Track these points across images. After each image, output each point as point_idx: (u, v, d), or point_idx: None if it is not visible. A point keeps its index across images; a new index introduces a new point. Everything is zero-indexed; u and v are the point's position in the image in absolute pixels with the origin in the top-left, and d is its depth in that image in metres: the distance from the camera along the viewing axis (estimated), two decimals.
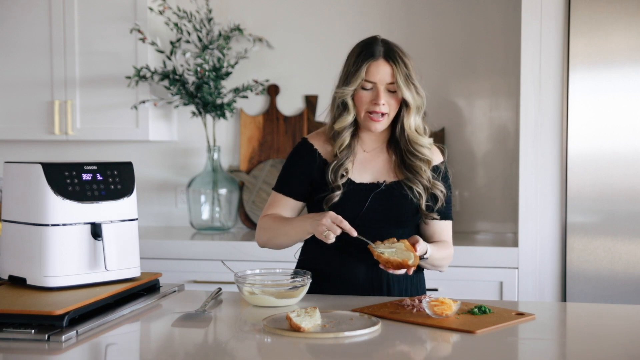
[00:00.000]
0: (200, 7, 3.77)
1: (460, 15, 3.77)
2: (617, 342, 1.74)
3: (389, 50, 2.14)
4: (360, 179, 2.19)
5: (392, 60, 2.12)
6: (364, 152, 2.23)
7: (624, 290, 3.11)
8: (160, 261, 3.43)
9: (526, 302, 2.70)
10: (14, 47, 3.81)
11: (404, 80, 2.11)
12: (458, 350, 1.70)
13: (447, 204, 2.25)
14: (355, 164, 2.21)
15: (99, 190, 2.07)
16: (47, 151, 4.07)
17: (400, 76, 2.11)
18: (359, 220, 2.14)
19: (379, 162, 2.22)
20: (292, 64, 3.89)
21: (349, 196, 2.16)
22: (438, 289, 3.21)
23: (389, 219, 2.17)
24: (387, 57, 2.12)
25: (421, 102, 2.17)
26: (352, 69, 2.14)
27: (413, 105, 2.15)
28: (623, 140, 3.12)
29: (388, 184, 2.19)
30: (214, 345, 1.78)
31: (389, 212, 2.17)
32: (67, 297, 1.88)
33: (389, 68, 2.11)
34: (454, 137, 3.78)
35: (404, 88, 2.11)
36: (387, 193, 2.18)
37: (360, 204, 2.16)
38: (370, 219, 2.15)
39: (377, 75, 2.11)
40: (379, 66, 2.11)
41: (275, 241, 2.26)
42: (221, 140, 3.96)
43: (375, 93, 2.12)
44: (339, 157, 2.18)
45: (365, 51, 2.14)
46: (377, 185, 2.18)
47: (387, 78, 2.12)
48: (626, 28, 3.10)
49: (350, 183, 2.18)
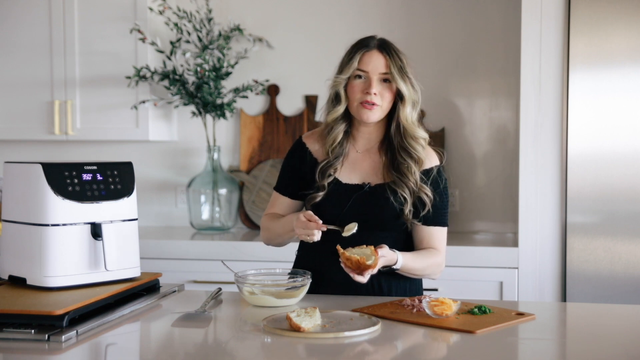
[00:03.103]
0: (200, 7, 3.77)
1: (460, 16, 3.77)
2: (617, 342, 1.74)
3: (383, 43, 2.16)
4: (348, 180, 2.19)
5: (386, 51, 2.13)
6: (356, 152, 2.23)
7: (624, 290, 3.11)
8: (160, 261, 3.43)
9: (526, 302, 2.70)
10: (14, 47, 3.81)
11: (398, 71, 2.12)
12: (458, 350, 1.70)
13: (440, 210, 2.20)
14: (346, 164, 2.21)
15: (99, 190, 2.07)
16: (47, 151, 4.07)
17: (395, 67, 2.12)
18: (340, 221, 2.13)
19: (369, 164, 2.21)
20: (292, 64, 3.89)
21: (332, 196, 2.17)
22: (438, 289, 3.21)
23: (369, 222, 2.15)
24: (381, 48, 2.14)
25: (417, 97, 2.17)
26: (346, 59, 2.16)
27: (408, 98, 2.14)
28: (623, 140, 3.12)
29: (372, 186, 2.17)
30: (214, 345, 1.78)
31: (369, 215, 2.15)
32: (67, 297, 1.88)
33: (383, 58, 2.12)
34: (453, 137, 3.78)
35: (398, 78, 2.12)
36: (370, 195, 2.16)
37: (342, 205, 2.16)
38: (351, 220, 2.12)
39: (369, 64, 2.12)
40: (372, 56, 2.13)
41: (273, 241, 2.32)
42: (221, 140, 3.96)
43: (367, 82, 2.13)
44: (328, 157, 2.20)
45: (360, 43, 2.17)
46: (361, 187, 2.18)
47: (381, 68, 2.12)
48: (626, 28, 3.10)
49: (336, 183, 2.19)
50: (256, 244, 3.45)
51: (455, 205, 3.77)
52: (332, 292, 2.19)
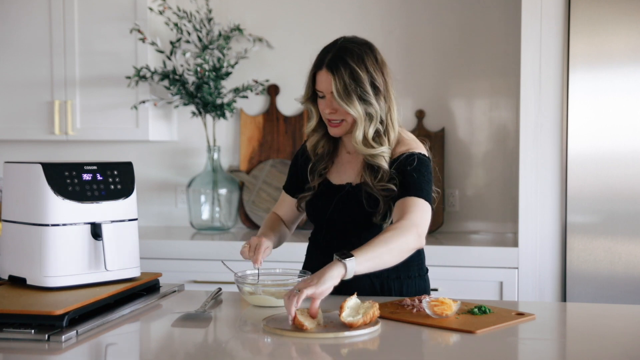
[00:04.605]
0: (200, 7, 3.77)
1: (460, 15, 3.76)
2: (617, 342, 1.74)
3: (335, 57, 2.07)
4: (338, 180, 2.21)
5: (333, 69, 2.06)
6: (347, 153, 2.23)
7: (624, 290, 3.11)
8: (160, 261, 3.43)
9: (526, 302, 2.70)
10: (14, 47, 3.81)
11: (341, 92, 2.04)
12: (458, 350, 1.69)
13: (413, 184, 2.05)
14: (336, 164, 2.23)
15: (99, 190, 2.07)
16: (47, 151, 4.07)
17: (338, 87, 2.04)
18: (327, 221, 2.19)
19: (357, 164, 2.21)
20: (292, 64, 3.89)
21: (321, 197, 2.20)
22: (438, 289, 3.21)
23: (351, 221, 2.17)
24: (329, 66, 2.07)
25: (373, 111, 2.07)
26: (308, 77, 2.15)
27: (358, 118, 2.06)
28: (623, 140, 3.12)
29: (353, 186, 2.17)
30: (214, 345, 1.78)
31: (350, 214, 2.16)
32: (67, 297, 1.88)
33: (330, 78, 2.06)
34: (453, 137, 3.78)
35: (339, 100, 2.05)
36: (351, 195, 2.16)
37: (328, 205, 2.19)
38: (336, 220, 2.17)
39: (321, 85, 2.09)
40: (321, 76, 2.09)
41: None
42: (221, 140, 3.96)
43: (325, 101, 2.11)
44: (314, 159, 2.23)
45: (317, 59, 2.13)
46: (344, 187, 2.19)
47: (330, 87, 2.07)
48: (626, 28, 3.10)
49: (326, 183, 2.21)
50: None
51: (455, 206, 3.78)
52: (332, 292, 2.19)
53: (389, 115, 2.12)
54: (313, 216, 2.24)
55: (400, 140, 2.16)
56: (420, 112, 3.78)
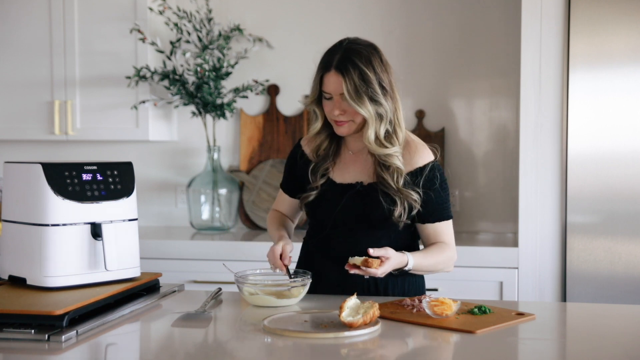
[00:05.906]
0: (200, 7, 3.77)
1: (460, 15, 3.77)
2: (617, 342, 1.74)
3: (343, 59, 2.08)
4: (341, 180, 2.20)
5: (343, 70, 2.07)
6: (350, 152, 2.23)
7: (624, 290, 3.11)
8: (160, 261, 3.43)
9: (526, 302, 2.70)
10: (14, 47, 3.81)
11: (352, 93, 2.05)
12: (458, 350, 1.70)
13: (441, 205, 2.18)
14: (339, 164, 2.23)
15: (99, 190, 2.07)
16: (47, 151, 4.07)
17: (349, 88, 2.05)
18: (333, 220, 2.17)
19: (362, 163, 2.21)
20: (292, 64, 3.89)
21: (326, 196, 2.19)
22: (438, 289, 3.21)
23: (361, 221, 2.16)
24: (338, 67, 2.08)
25: (383, 111, 2.09)
26: (314, 79, 2.15)
27: (369, 118, 2.08)
28: (623, 140, 3.12)
29: (364, 185, 2.17)
30: (214, 345, 1.78)
31: (361, 214, 2.16)
32: (67, 297, 1.88)
33: (340, 79, 2.07)
34: (453, 137, 3.78)
35: (351, 101, 2.06)
36: (362, 195, 2.16)
37: (336, 204, 2.17)
38: (343, 219, 2.16)
39: (329, 86, 2.10)
40: (330, 78, 2.09)
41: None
42: (221, 140, 3.96)
43: (332, 102, 2.11)
44: (316, 160, 2.22)
45: (323, 61, 2.13)
46: (354, 186, 2.18)
47: (339, 89, 2.08)
48: (626, 28, 3.10)
49: (330, 183, 2.20)
50: (256, 244, 3.45)
51: (456, 206, 3.78)
52: (332, 292, 2.20)
53: (395, 115, 2.14)
54: (316, 215, 2.22)
55: (409, 142, 2.18)
56: (420, 112, 3.78)
